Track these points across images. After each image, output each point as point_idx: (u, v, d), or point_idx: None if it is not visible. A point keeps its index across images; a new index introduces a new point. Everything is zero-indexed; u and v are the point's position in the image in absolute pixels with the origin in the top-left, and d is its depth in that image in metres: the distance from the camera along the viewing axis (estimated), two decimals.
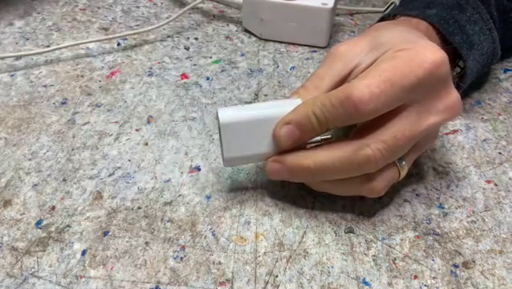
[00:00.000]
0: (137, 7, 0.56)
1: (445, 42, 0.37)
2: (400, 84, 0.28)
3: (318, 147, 0.31)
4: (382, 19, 0.40)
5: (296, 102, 0.31)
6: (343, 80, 0.32)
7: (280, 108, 0.31)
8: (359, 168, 0.30)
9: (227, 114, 0.31)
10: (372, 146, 0.29)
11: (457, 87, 0.32)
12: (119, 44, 0.50)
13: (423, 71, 0.29)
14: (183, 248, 0.31)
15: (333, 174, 0.31)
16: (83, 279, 0.29)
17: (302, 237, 0.32)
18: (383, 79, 0.28)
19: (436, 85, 0.30)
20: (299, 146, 0.32)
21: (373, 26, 0.37)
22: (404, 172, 0.32)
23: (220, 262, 0.31)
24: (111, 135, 0.39)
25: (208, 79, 0.45)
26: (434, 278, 0.30)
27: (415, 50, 0.29)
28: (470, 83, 0.40)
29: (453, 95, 0.31)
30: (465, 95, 0.43)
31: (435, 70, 0.29)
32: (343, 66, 0.32)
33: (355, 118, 0.29)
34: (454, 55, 0.37)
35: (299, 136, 0.31)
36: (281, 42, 0.50)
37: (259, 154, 0.32)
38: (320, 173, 0.31)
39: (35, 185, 0.35)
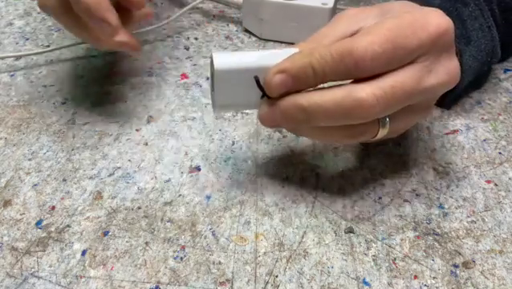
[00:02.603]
0: None
1: None
2: (403, 46, 0.28)
3: (314, 89, 0.30)
4: None
5: (294, 52, 0.30)
6: None
7: (277, 57, 0.30)
8: (351, 113, 0.29)
9: (222, 60, 0.30)
10: (368, 90, 0.28)
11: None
12: None
13: (427, 34, 0.28)
14: (183, 248, 0.31)
15: (324, 117, 0.29)
16: (83, 279, 0.29)
17: (302, 237, 0.32)
18: (386, 38, 0.28)
19: (439, 49, 0.29)
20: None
21: None
22: (383, 132, 0.31)
23: (220, 262, 0.31)
24: (111, 135, 0.39)
25: (208, 79, 0.45)
26: (434, 278, 0.30)
27: (420, 13, 0.29)
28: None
29: (455, 61, 0.30)
30: (465, 94, 0.43)
31: (438, 35, 0.29)
32: (347, 26, 0.31)
33: (354, 74, 0.28)
34: None
35: (292, 86, 0.30)
36: (281, 42, 0.50)
37: (252, 103, 0.31)
38: (313, 115, 0.29)
39: (35, 185, 0.35)
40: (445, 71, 0.30)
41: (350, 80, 0.29)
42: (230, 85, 0.30)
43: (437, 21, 0.29)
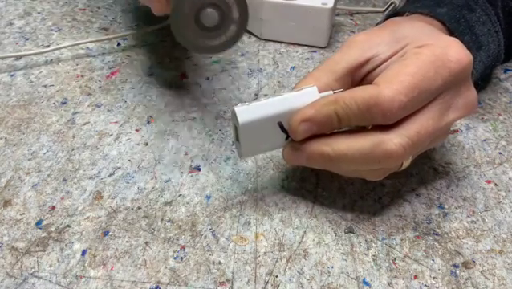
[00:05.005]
0: (137, 7, 0.56)
1: None
2: (427, 89, 0.29)
3: (339, 134, 0.31)
4: (391, 16, 0.39)
5: (313, 91, 0.31)
6: (359, 68, 0.32)
7: (298, 100, 0.31)
8: (379, 162, 0.29)
9: (245, 113, 0.30)
10: (396, 141, 0.29)
11: None
12: (119, 44, 0.50)
13: (448, 71, 0.29)
14: (183, 248, 0.31)
15: (351, 164, 0.30)
16: (83, 279, 0.29)
17: (302, 237, 0.32)
18: (411, 86, 0.28)
19: (458, 83, 0.30)
20: None
21: (389, 20, 0.36)
22: (406, 164, 0.32)
23: (220, 262, 0.31)
24: (111, 135, 0.39)
25: (208, 79, 0.45)
26: (434, 278, 0.30)
27: (439, 48, 0.29)
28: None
29: (472, 91, 0.31)
30: None
31: (460, 69, 0.29)
32: (360, 53, 0.32)
33: (380, 122, 0.29)
34: None
35: (317, 131, 0.30)
36: (281, 42, 0.50)
37: (276, 145, 0.32)
38: (338, 162, 0.30)
39: (35, 185, 0.35)
40: (464, 103, 0.31)
41: None
42: (255, 135, 0.31)
43: (458, 56, 0.29)
